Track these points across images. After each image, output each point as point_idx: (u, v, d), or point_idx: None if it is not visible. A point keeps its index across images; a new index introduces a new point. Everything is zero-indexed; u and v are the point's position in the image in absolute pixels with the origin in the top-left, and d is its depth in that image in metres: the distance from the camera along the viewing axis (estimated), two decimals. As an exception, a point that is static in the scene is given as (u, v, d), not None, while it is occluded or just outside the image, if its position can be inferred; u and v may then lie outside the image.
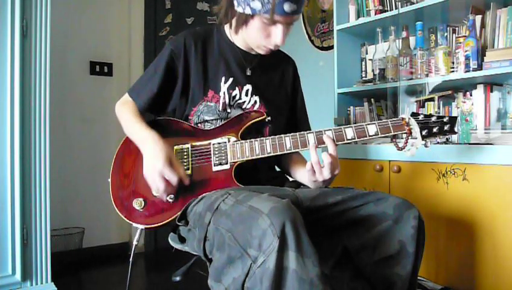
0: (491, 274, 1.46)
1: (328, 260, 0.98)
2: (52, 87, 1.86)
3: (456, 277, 1.56)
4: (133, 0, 2.85)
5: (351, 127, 1.05)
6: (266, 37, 1.08)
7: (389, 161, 1.79)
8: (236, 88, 1.17)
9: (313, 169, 1.03)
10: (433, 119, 1.05)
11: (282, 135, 1.07)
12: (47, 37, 1.84)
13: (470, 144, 1.58)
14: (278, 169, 1.31)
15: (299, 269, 0.75)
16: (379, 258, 0.96)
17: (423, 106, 1.96)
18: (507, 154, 1.43)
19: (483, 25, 1.77)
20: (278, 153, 1.06)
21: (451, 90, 1.87)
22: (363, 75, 2.29)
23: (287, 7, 1.00)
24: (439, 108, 1.90)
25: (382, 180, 1.82)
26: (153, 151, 1.05)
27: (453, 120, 1.06)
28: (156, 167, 1.02)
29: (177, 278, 1.14)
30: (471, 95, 1.76)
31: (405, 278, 0.94)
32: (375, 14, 2.11)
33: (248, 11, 1.03)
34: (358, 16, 2.23)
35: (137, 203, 1.10)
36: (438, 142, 1.72)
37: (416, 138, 1.05)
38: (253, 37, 1.10)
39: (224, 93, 1.16)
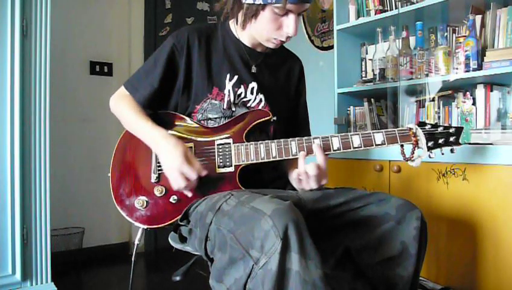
0: (491, 274, 1.46)
1: (329, 259, 0.97)
2: (52, 87, 1.86)
3: (456, 277, 1.56)
4: (133, 0, 2.85)
5: (358, 134, 1.04)
6: (277, 28, 1.07)
7: (389, 160, 1.79)
8: (242, 86, 1.15)
9: (299, 178, 1.03)
10: (440, 130, 1.05)
11: (288, 139, 1.06)
12: (47, 37, 1.83)
13: (470, 144, 1.58)
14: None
15: (302, 271, 0.75)
16: (381, 259, 0.96)
17: (423, 106, 1.96)
18: (507, 154, 1.43)
19: (483, 25, 1.77)
20: (284, 158, 1.05)
21: (451, 90, 1.87)
22: (363, 75, 2.29)
23: None
24: (439, 108, 1.90)
25: (382, 180, 1.82)
26: (167, 150, 1.04)
27: (458, 131, 1.06)
28: (174, 165, 1.02)
29: (177, 278, 1.13)
30: (471, 95, 1.76)
31: (406, 279, 0.94)
32: (375, 14, 2.11)
33: (259, 1, 1.01)
34: (358, 16, 2.23)
35: (139, 203, 1.09)
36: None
37: (421, 148, 1.05)
38: (263, 29, 1.08)
39: (229, 91, 1.14)
